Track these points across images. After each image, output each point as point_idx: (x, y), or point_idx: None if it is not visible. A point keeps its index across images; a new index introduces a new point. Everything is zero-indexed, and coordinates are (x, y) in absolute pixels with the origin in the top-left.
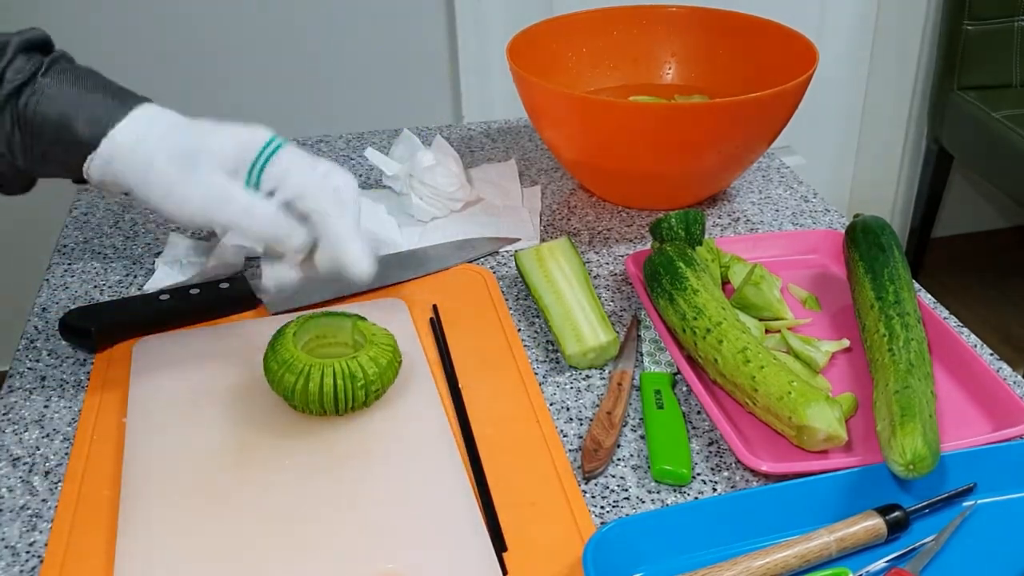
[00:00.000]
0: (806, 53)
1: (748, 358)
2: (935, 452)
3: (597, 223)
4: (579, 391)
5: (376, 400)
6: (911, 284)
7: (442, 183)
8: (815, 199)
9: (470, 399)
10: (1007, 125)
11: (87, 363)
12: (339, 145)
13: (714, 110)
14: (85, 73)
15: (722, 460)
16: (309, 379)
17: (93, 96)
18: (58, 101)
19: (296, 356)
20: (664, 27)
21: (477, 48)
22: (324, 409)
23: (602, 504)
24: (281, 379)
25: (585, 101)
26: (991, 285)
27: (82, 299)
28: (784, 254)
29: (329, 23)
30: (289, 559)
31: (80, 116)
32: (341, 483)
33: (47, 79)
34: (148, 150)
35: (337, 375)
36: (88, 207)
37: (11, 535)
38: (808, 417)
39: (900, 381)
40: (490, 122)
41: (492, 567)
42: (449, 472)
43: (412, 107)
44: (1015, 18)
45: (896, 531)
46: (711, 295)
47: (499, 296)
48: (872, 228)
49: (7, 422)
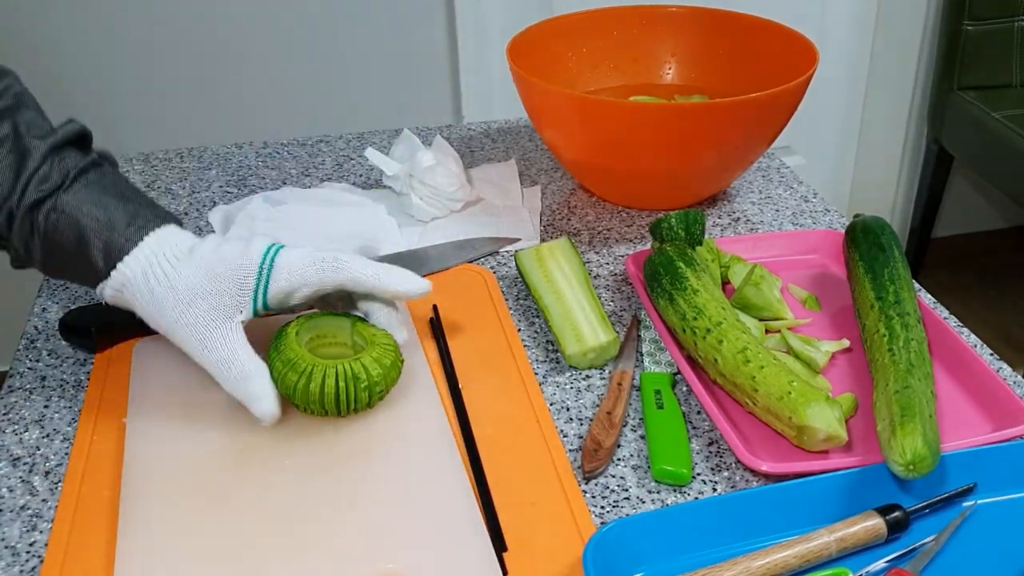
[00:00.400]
0: (806, 53)
1: (748, 358)
2: (935, 452)
3: (597, 223)
4: (579, 391)
5: (379, 401)
6: (911, 284)
7: (442, 183)
8: (815, 199)
9: (470, 399)
10: (1007, 125)
11: (87, 363)
12: (339, 145)
13: (714, 110)
14: (110, 185)
15: (722, 460)
16: (311, 379)
17: (114, 216)
18: (76, 224)
19: (300, 355)
20: (664, 27)
21: (477, 48)
22: (325, 410)
23: (602, 504)
24: (284, 378)
25: (585, 101)
26: (991, 285)
27: (82, 299)
28: (784, 254)
29: (329, 23)
30: (289, 559)
31: (95, 243)
32: (341, 483)
33: (68, 196)
34: (153, 289)
35: (340, 376)
36: None
37: (11, 535)
38: (808, 417)
39: (900, 381)
40: (490, 122)
41: (492, 567)
42: (449, 472)
43: (412, 107)
44: (1015, 18)
45: (896, 531)
46: (711, 295)
47: (499, 296)
48: (872, 228)
49: (7, 422)
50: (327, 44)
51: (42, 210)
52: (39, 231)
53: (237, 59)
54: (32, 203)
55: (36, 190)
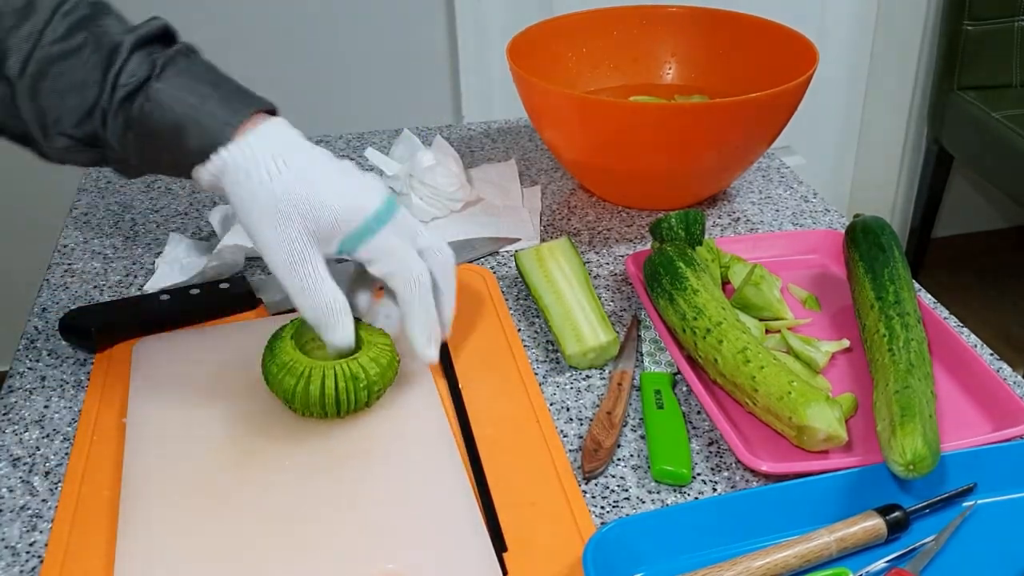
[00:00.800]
0: (806, 53)
1: (748, 358)
2: (935, 452)
3: (597, 223)
4: (579, 391)
5: (377, 400)
6: (911, 284)
7: (442, 183)
8: (815, 199)
9: (470, 399)
10: (1007, 125)
11: (87, 363)
12: (339, 145)
13: (714, 110)
14: (202, 72)
15: (722, 460)
16: (310, 381)
17: (208, 104)
18: (171, 109)
19: (296, 358)
20: (664, 27)
21: (477, 48)
22: (325, 411)
23: (602, 504)
24: (281, 382)
25: (585, 101)
26: (991, 285)
27: (82, 299)
28: (784, 254)
29: (329, 23)
30: (289, 559)
31: (192, 127)
32: (341, 483)
33: (160, 84)
34: (252, 185)
35: (339, 377)
36: (88, 207)
37: (11, 535)
38: (808, 417)
39: (900, 381)
40: (490, 122)
41: (492, 567)
42: (449, 472)
43: (412, 107)
44: (1015, 18)
45: (896, 531)
46: (711, 295)
47: (499, 296)
48: (872, 228)
49: (7, 422)
50: (327, 44)
51: (135, 102)
52: (133, 123)
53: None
54: (124, 96)
55: (126, 83)
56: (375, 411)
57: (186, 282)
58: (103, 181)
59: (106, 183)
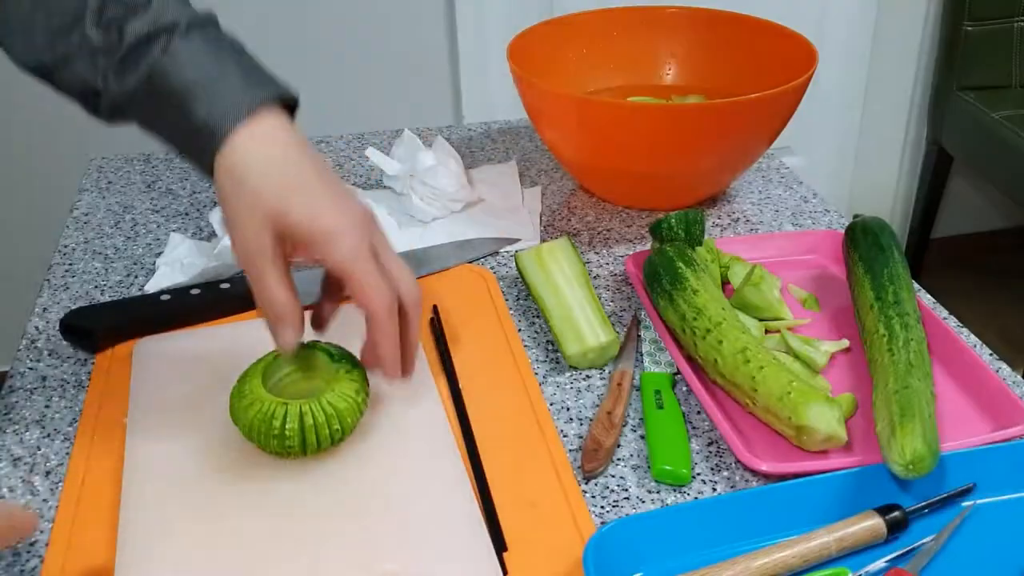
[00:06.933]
0: (806, 53)
1: (748, 358)
2: (935, 452)
3: (597, 223)
4: (579, 391)
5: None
6: (911, 284)
7: (443, 183)
8: (815, 199)
9: (470, 399)
10: (1007, 125)
11: (88, 363)
12: (339, 145)
13: (714, 110)
14: (227, 46)
15: (722, 460)
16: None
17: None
18: (186, 70)
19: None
20: (664, 27)
21: (477, 48)
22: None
23: (602, 504)
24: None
25: (585, 101)
26: (991, 285)
27: (83, 299)
28: (784, 254)
29: (329, 23)
30: (290, 558)
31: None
32: (341, 482)
33: (184, 43)
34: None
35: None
36: (89, 207)
37: None
38: (808, 417)
39: (900, 381)
40: (490, 122)
41: (492, 567)
42: (449, 472)
43: (412, 107)
44: (1015, 18)
45: (896, 531)
46: (711, 295)
47: (499, 296)
48: (872, 228)
49: (8, 422)
50: (327, 44)
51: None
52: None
53: None
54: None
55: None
56: (375, 411)
57: (186, 282)
58: (104, 181)
59: (107, 183)
